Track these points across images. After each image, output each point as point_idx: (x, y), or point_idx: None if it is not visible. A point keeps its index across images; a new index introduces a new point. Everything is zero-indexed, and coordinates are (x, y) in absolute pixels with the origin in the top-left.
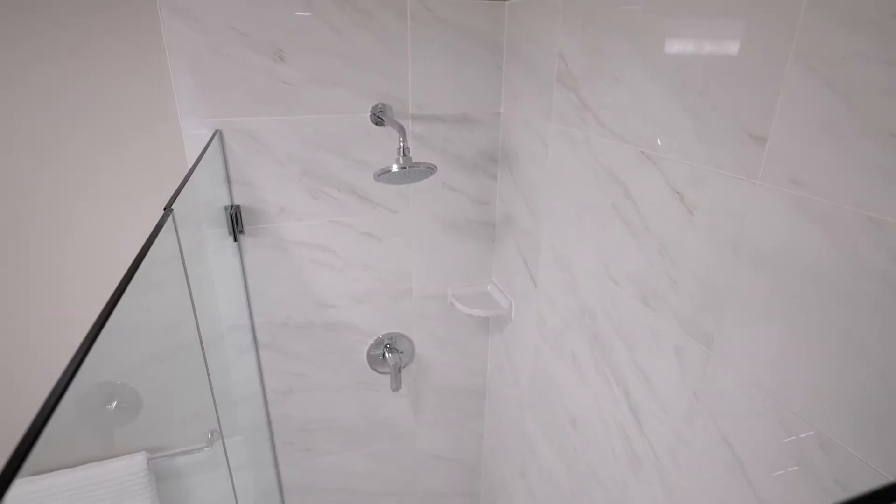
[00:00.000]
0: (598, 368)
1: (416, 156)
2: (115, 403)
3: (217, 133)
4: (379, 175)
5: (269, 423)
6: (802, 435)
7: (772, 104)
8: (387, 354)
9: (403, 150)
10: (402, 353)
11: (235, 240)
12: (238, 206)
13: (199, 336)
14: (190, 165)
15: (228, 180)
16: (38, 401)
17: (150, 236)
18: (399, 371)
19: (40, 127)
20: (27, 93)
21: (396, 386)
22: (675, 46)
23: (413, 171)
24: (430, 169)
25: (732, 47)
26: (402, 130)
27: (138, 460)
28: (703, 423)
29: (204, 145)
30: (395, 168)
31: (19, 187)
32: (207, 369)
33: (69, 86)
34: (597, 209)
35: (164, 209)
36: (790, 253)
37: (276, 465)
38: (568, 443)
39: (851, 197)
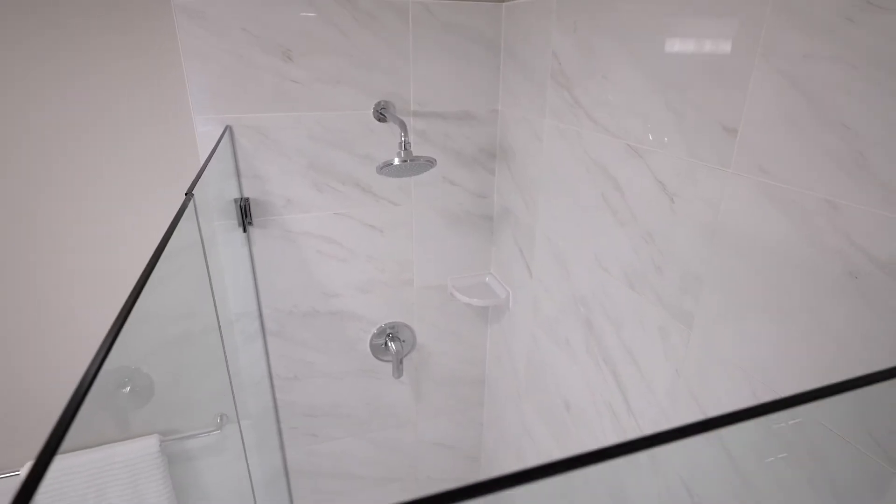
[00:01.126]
0: (589, 352)
1: (417, 151)
2: (128, 387)
3: (227, 129)
4: (381, 168)
5: (276, 408)
6: (780, 413)
7: (742, 99)
8: (389, 343)
9: (405, 145)
10: (403, 341)
11: (245, 231)
12: (247, 199)
13: (218, 322)
14: (202, 160)
15: (238, 174)
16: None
17: (172, 221)
18: (401, 360)
19: (53, 123)
20: (40, 91)
21: (398, 374)
22: (657, 46)
23: (413, 164)
24: (430, 162)
25: (708, 47)
26: (403, 126)
27: (151, 442)
28: (683, 399)
29: (214, 141)
30: (396, 161)
31: (30, 182)
32: (226, 355)
33: (78, 85)
34: (588, 201)
35: (186, 194)
36: (760, 236)
37: (283, 449)
38: (562, 426)
39: (812, 183)
